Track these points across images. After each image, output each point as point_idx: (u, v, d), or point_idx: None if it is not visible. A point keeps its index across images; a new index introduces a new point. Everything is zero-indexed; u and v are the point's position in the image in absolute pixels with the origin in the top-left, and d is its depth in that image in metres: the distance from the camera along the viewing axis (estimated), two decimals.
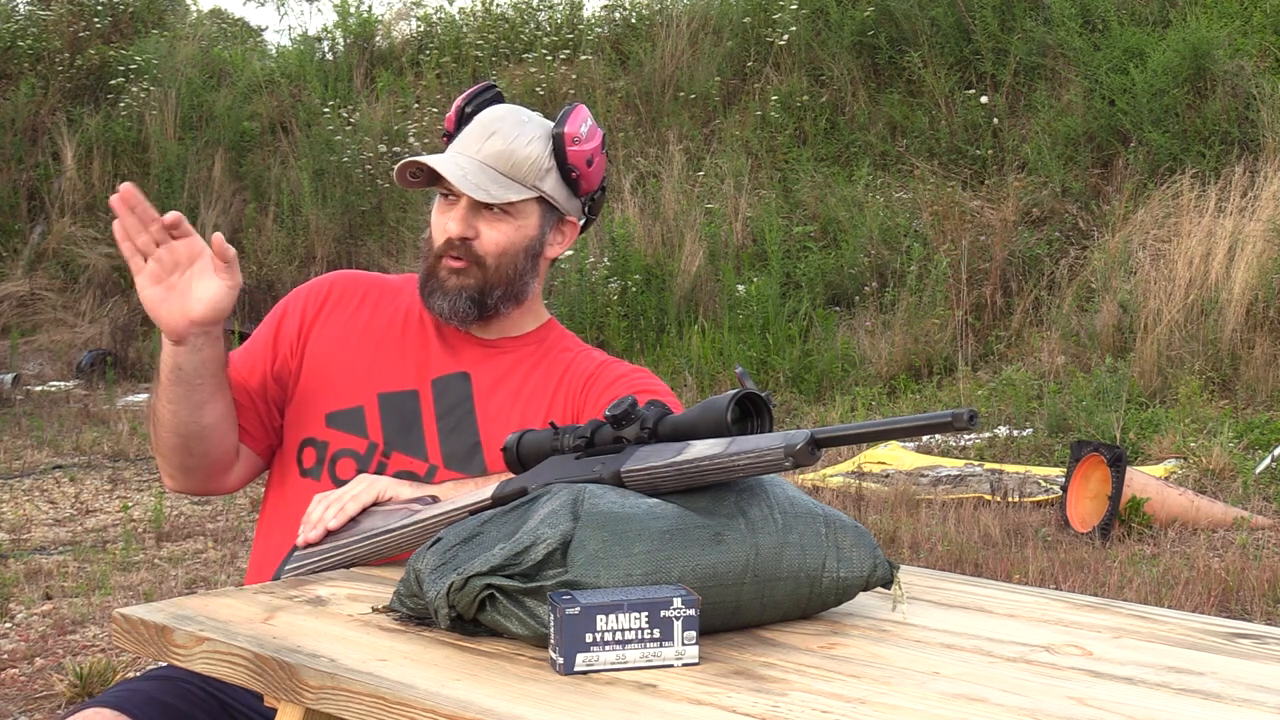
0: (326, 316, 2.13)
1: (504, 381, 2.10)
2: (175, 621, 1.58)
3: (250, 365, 2.11)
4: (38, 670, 4.05)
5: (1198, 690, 1.34)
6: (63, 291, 11.19)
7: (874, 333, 8.50)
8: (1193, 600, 4.47)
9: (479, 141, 2.06)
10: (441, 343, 2.12)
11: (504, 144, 2.04)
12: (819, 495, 5.87)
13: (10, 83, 12.40)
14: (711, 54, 11.09)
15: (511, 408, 2.08)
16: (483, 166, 2.04)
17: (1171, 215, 8.33)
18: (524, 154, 2.05)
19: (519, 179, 2.05)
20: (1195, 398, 6.99)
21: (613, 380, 2.10)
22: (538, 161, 2.05)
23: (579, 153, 2.07)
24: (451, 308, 2.06)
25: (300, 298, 2.16)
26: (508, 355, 2.12)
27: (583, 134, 2.08)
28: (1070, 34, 9.52)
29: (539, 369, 2.12)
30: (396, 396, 2.08)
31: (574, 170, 2.07)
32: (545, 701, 1.31)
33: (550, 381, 2.11)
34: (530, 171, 2.05)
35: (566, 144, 2.06)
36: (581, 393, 2.10)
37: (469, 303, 2.06)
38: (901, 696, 1.31)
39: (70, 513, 6.20)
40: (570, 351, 2.16)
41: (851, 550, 1.57)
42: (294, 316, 2.13)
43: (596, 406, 2.08)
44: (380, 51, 12.76)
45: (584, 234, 2.37)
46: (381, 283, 2.19)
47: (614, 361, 2.16)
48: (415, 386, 2.09)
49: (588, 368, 2.13)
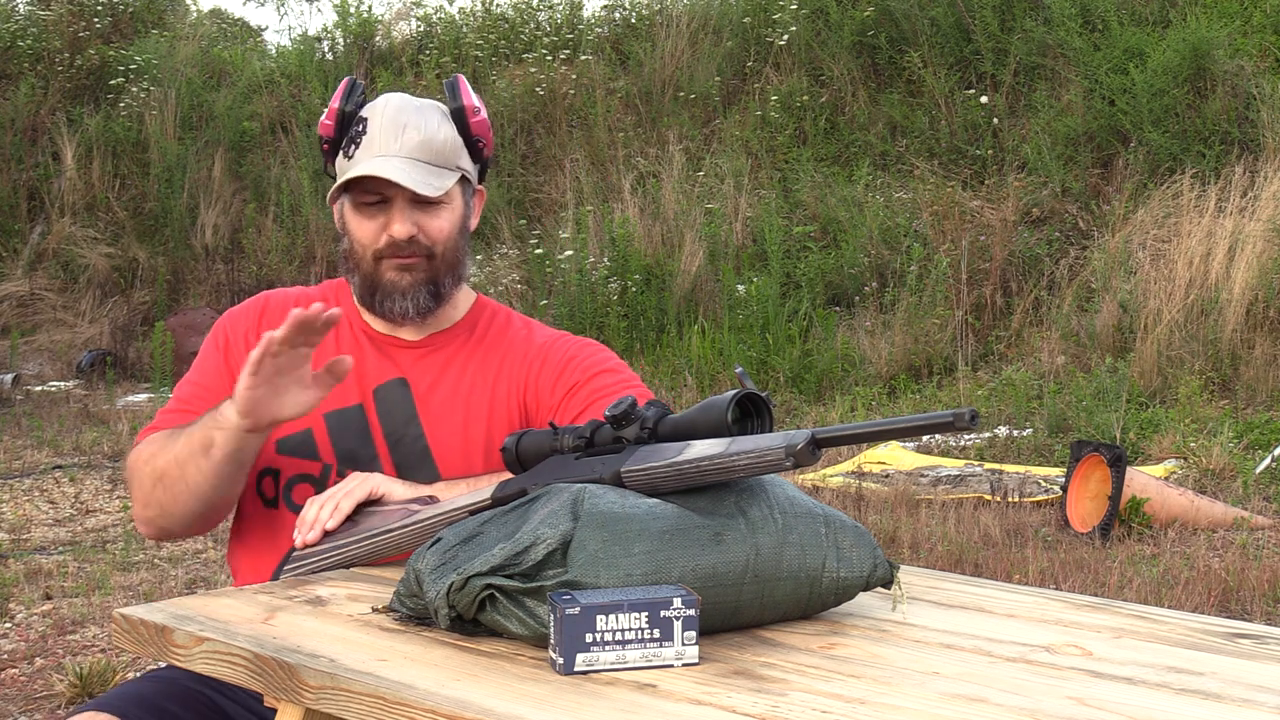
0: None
1: (441, 380, 2.08)
2: (175, 621, 1.58)
3: (211, 401, 2.03)
4: (38, 670, 4.05)
5: (1198, 690, 1.34)
6: (63, 291, 11.19)
7: (874, 333, 8.50)
8: (1193, 600, 4.47)
9: (395, 139, 2.03)
10: (376, 350, 2.09)
11: (420, 135, 2.03)
12: (819, 495, 5.87)
13: (10, 83, 12.40)
14: (711, 54, 11.09)
15: (453, 405, 2.06)
16: (412, 162, 2.02)
17: (1171, 215, 8.33)
18: (440, 139, 2.05)
19: (444, 164, 2.05)
20: (1195, 398, 6.99)
21: (564, 363, 2.07)
22: (451, 141, 2.06)
23: (480, 122, 2.09)
24: (415, 306, 2.05)
25: (239, 325, 2.11)
26: (440, 352, 2.10)
27: (477, 104, 2.10)
28: (1070, 34, 9.52)
29: (474, 359, 2.10)
30: (343, 413, 2.05)
31: (480, 140, 2.09)
32: (545, 701, 1.31)
33: (489, 370, 2.09)
34: (451, 153, 2.06)
35: (469, 116, 2.08)
36: (528, 379, 2.08)
37: (428, 295, 2.05)
38: (901, 696, 1.31)
39: (70, 513, 6.20)
40: (507, 334, 2.13)
41: (851, 550, 1.57)
42: (238, 345, 2.08)
43: (551, 392, 2.06)
44: (380, 51, 12.76)
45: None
46: (305, 295, 2.14)
47: (559, 339, 2.13)
48: (359, 400, 2.06)
49: (529, 351, 2.10)
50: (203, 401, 2.04)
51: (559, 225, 10.07)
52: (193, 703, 1.87)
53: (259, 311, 2.13)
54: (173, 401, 2.10)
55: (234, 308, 2.18)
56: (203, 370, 2.10)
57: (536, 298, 9.40)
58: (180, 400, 2.09)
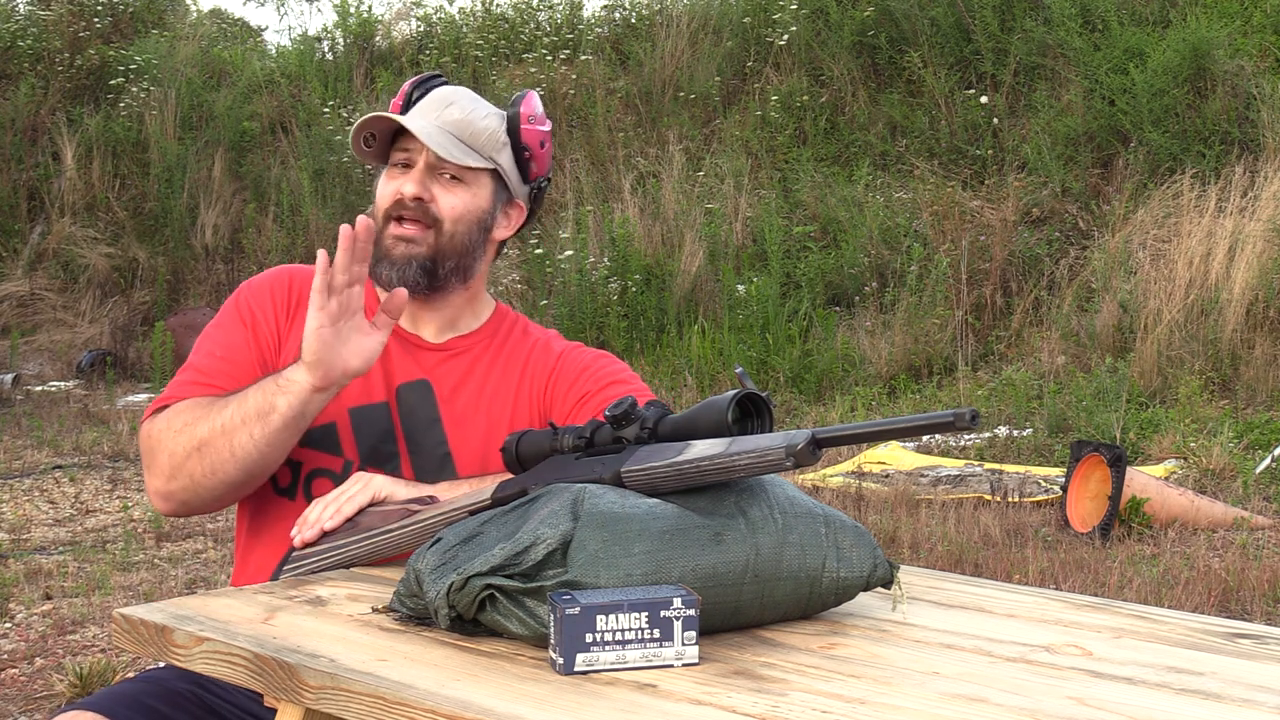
0: (293, 326, 2.04)
1: (464, 385, 2.07)
2: (175, 621, 1.58)
3: (238, 377, 1.99)
4: (38, 670, 4.05)
5: (1198, 690, 1.34)
6: (63, 291, 11.19)
7: (874, 333, 8.50)
8: (1193, 600, 4.47)
9: (437, 110, 2.05)
10: (401, 349, 2.07)
11: (462, 114, 2.04)
12: (819, 495, 5.87)
13: (10, 83, 12.40)
14: (711, 54, 11.09)
15: (476, 412, 2.05)
16: (443, 130, 2.03)
17: (1171, 215, 8.33)
18: (481, 125, 2.05)
19: (477, 148, 2.05)
20: (1195, 398, 6.99)
21: (578, 373, 2.07)
22: (495, 134, 2.06)
23: (533, 132, 2.07)
24: (400, 277, 2.02)
25: (263, 299, 2.06)
26: (462, 357, 2.09)
27: (537, 115, 2.09)
28: (1070, 34, 9.52)
29: (497, 366, 2.09)
30: (368, 409, 2.03)
31: (527, 150, 2.07)
32: (545, 701, 1.31)
33: (511, 378, 2.09)
34: (488, 142, 2.05)
35: (521, 122, 2.07)
36: (546, 388, 2.08)
37: (419, 271, 2.03)
38: (901, 696, 1.31)
39: (70, 513, 6.20)
40: (526, 342, 2.13)
41: (851, 550, 1.57)
42: (266, 324, 2.04)
43: (564, 400, 2.06)
44: (380, 51, 12.77)
45: (529, 228, 2.36)
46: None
47: (574, 349, 2.13)
48: (385, 397, 2.04)
49: (548, 360, 2.10)
50: (227, 377, 1.99)
51: (559, 225, 10.07)
52: (182, 703, 1.86)
53: (286, 285, 2.07)
54: (192, 372, 2.01)
55: (252, 280, 2.10)
56: (228, 345, 2.03)
57: (536, 298, 9.40)
58: (201, 372, 2.01)
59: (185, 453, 1.93)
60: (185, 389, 2.00)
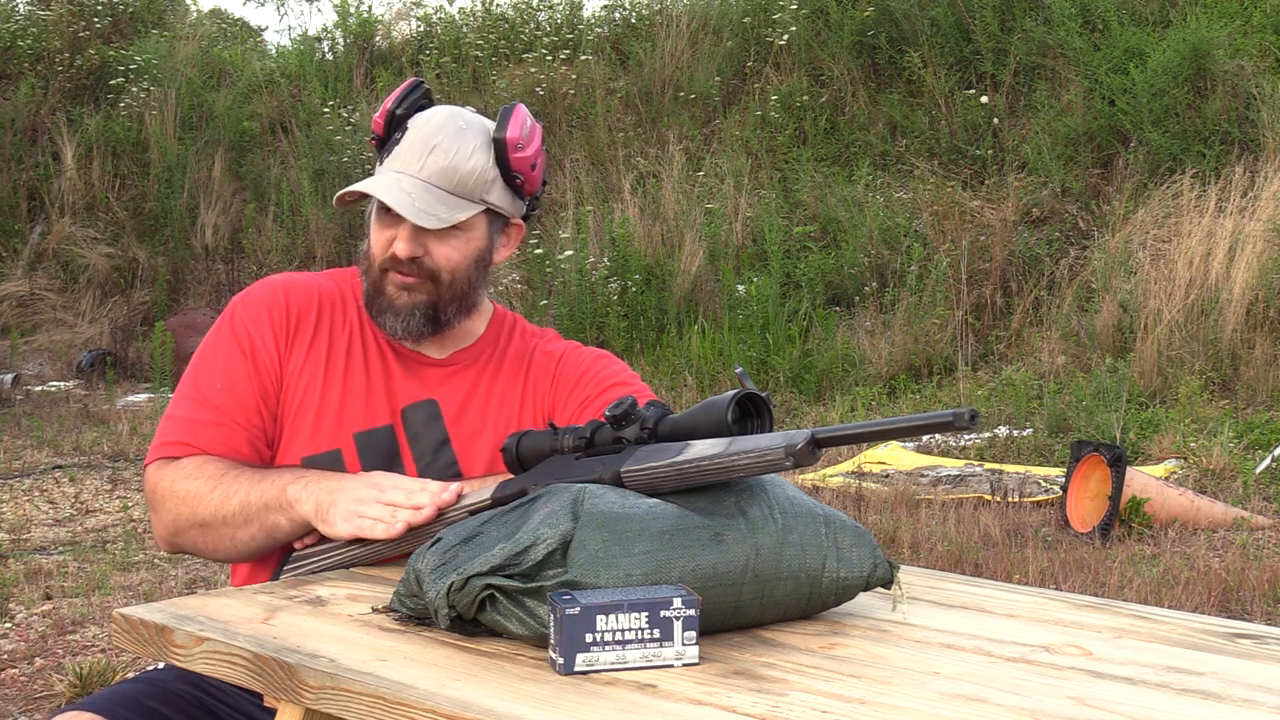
0: (293, 350, 2.02)
1: (470, 402, 2.06)
2: (175, 621, 1.58)
3: (246, 411, 2.00)
4: (38, 670, 4.05)
5: (1198, 690, 1.34)
6: (63, 291, 11.19)
7: (874, 333, 8.50)
8: (1193, 600, 4.47)
9: (420, 158, 1.96)
10: (403, 368, 2.05)
11: (446, 159, 1.96)
12: (819, 495, 5.87)
13: (10, 83, 12.40)
14: (711, 54, 11.09)
15: (483, 428, 2.04)
16: (428, 187, 1.95)
17: (1171, 215, 8.33)
18: (468, 169, 1.97)
19: (465, 195, 1.97)
20: (1195, 398, 6.99)
21: (579, 377, 2.07)
22: (483, 174, 1.98)
23: (522, 159, 2.00)
24: (405, 327, 2.00)
25: (262, 325, 2.02)
26: (466, 371, 2.07)
27: (524, 137, 2.01)
28: (1070, 34, 9.52)
29: (500, 377, 2.08)
30: (373, 434, 2.01)
31: (518, 177, 2.01)
32: (545, 701, 1.31)
33: (515, 389, 2.08)
34: (476, 185, 1.98)
35: (510, 151, 1.99)
36: (548, 394, 2.07)
37: (423, 320, 2.00)
38: (901, 696, 1.31)
39: (70, 513, 6.20)
40: (526, 347, 2.12)
41: (851, 550, 1.57)
42: (265, 351, 2.01)
43: (566, 405, 2.05)
44: (380, 51, 12.76)
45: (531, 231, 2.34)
46: (325, 294, 2.08)
47: (572, 350, 2.12)
48: (389, 420, 2.02)
49: (549, 366, 2.09)
50: (239, 410, 1.98)
51: (559, 225, 10.07)
52: (180, 703, 1.86)
53: (283, 306, 2.04)
54: (194, 406, 2.00)
55: (248, 295, 2.07)
56: (229, 375, 2.00)
57: (536, 298, 9.40)
58: (213, 408, 1.99)
59: (188, 524, 1.95)
60: (192, 431, 1.98)
